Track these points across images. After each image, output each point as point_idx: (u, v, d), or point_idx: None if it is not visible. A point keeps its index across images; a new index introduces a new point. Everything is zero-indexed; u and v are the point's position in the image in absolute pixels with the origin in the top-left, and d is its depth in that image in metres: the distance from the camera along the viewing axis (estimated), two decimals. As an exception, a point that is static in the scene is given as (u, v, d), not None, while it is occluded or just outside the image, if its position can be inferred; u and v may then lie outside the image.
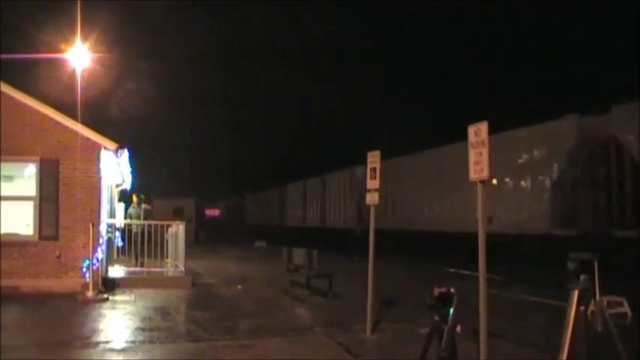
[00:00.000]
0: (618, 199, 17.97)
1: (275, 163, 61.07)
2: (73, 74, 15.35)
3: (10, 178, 14.20)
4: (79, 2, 15.46)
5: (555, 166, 20.30)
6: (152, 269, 15.68)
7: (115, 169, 16.28)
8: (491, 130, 6.32)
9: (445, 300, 5.10)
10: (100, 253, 14.14)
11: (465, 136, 6.72)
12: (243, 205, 60.14)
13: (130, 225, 16.82)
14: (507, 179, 22.29)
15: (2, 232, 13.31)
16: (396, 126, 48.44)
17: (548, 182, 20.65)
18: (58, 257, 13.39)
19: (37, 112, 14.14)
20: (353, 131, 53.37)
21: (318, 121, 58.63)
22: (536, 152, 21.22)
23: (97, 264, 13.94)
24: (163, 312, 11.81)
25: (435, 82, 54.33)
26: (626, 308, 4.16)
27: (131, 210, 19.67)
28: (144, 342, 9.25)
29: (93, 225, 13.82)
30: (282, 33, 70.10)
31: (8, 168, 14.00)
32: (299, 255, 15.90)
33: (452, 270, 19.02)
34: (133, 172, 19.91)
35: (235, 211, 62.64)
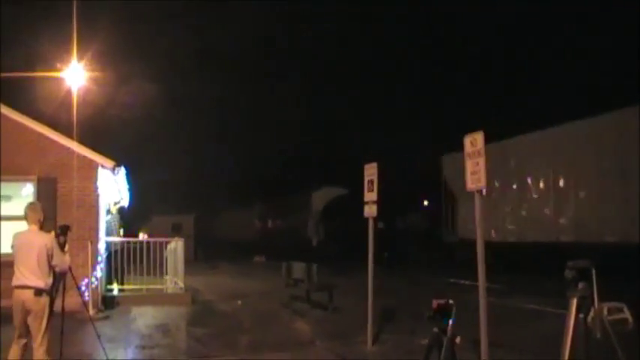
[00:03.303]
0: None
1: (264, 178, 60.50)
2: (69, 93, 15.38)
3: (8, 197, 14.18)
4: (74, 22, 15.49)
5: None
6: (151, 286, 15.63)
7: (113, 186, 16.26)
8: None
9: (444, 311, 5.09)
10: (99, 271, 14.13)
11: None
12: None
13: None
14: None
15: (2, 252, 13.27)
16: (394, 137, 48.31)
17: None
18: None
19: (34, 131, 14.16)
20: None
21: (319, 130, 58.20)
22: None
23: (97, 282, 13.92)
24: (164, 329, 11.79)
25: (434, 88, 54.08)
26: (626, 314, 4.16)
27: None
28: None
29: (91, 243, 13.80)
30: (277, 42, 70.21)
31: (6, 188, 13.98)
32: (298, 269, 15.89)
33: (452, 280, 19.03)
34: (130, 190, 19.88)
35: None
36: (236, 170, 64.41)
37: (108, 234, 15.86)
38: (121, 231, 17.59)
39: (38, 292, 6.80)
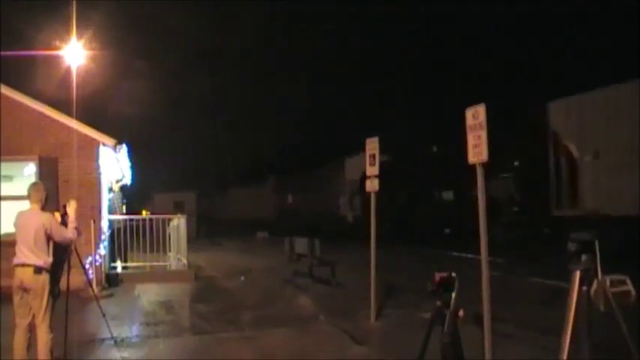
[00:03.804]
0: None
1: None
2: (68, 71, 15.31)
3: (9, 177, 14.19)
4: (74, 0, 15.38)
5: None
6: (155, 263, 15.69)
7: (115, 164, 16.26)
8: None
9: (446, 285, 5.08)
10: (102, 250, 14.18)
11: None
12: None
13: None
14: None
15: (2, 232, 13.29)
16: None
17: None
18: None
19: (34, 110, 14.12)
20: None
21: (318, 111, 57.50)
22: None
23: (100, 260, 13.97)
24: (167, 306, 11.85)
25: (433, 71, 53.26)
26: (629, 286, 4.15)
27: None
28: (149, 336, 9.29)
29: (94, 221, 13.82)
30: (282, 32, 69.79)
31: (7, 167, 13.98)
32: (301, 244, 15.92)
33: (455, 254, 19.07)
34: (132, 167, 19.88)
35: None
36: (241, 144, 63.63)
37: (110, 212, 15.88)
38: (124, 208, 17.59)
39: (37, 269, 6.82)
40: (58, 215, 7.39)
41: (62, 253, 7.41)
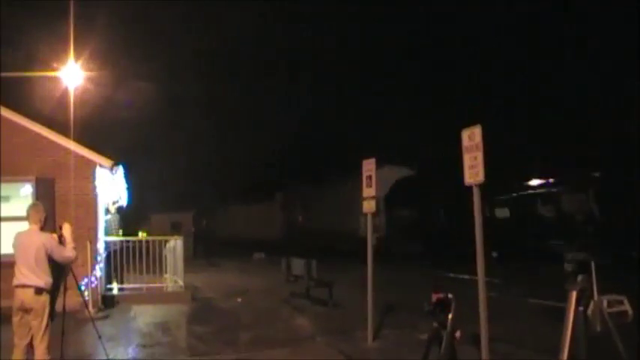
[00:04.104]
0: None
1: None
2: (66, 92, 15.36)
3: (6, 198, 14.16)
4: (71, 21, 15.48)
5: None
6: (151, 285, 15.63)
7: (111, 186, 16.25)
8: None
9: (443, 306, 5.09)
10: (99, 271, 14.13)
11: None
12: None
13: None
14: None
15: (2, 252, 13.25)
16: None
17: None
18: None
19: (32, 131, 14.15)
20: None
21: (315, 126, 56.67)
22: None
23: (96, 281, 13.92)
24: (164, 327, 11.79)
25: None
26: (626, 306, 4.16)
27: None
28: (145, 358, 9.25)
29: (90, 242, 13.80)
30: (274, 41, 69.88)
31: (4, 188, 13.96)
32: (298, 265, 15.90)
33: (451, 275, 19.01)
34: (129, 189, 19.87)
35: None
36: (242, 160, 62.78)
37: (107, 233, 15.85)
38: (120, 232, 17.53)
39: (38, 290, 6.83)
40: (55, 236, 7.41)
41: (59, 275, 7.40)
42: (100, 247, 14.51)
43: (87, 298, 12.79)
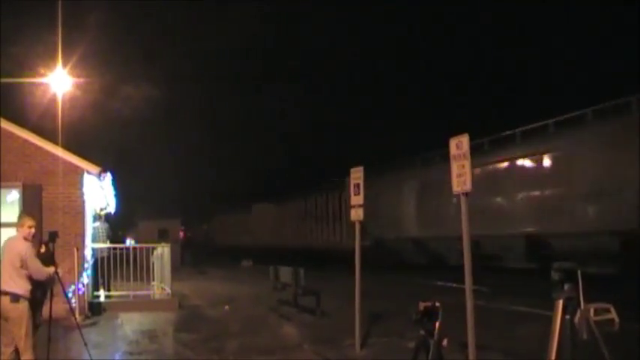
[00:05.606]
0: None
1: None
2: (54, 99, 15.32)
3: (-8, 204, 14.08)
4: (59, 27, 15.45)
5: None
6: (138, 292, 15.56)
7: (99, 192, 16.18)
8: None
9: (431, 314, 5.10)
10: (86, 278, 14.06)
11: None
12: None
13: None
14: None
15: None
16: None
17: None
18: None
19: (19, 137, 14.07)
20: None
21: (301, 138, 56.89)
22: None
23: (83, 289, 13.84)
24: (151, 335, 11.74)
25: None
26: (613, 315, 4.19)
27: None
28: (132, 366, 9.20)
29: (77, 249, 13.73)
30: (265, 53, 69.99)
31: (-10, 195, 13.90)
32: (285, 273, 15.86)
33: (439, 283, 19.04)
34: (116, 195, 19.80)
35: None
36: (229, 168, 62.81)
37: (94, 240, 15.78)
38: (107, 241, 17.43)
39: (15, 298, 6.78)
40: (43, 247, 7.38)
41: (45, 282, 7.36)
42: (88, 254, 14.44)
43: (74, 305, 12.70)
